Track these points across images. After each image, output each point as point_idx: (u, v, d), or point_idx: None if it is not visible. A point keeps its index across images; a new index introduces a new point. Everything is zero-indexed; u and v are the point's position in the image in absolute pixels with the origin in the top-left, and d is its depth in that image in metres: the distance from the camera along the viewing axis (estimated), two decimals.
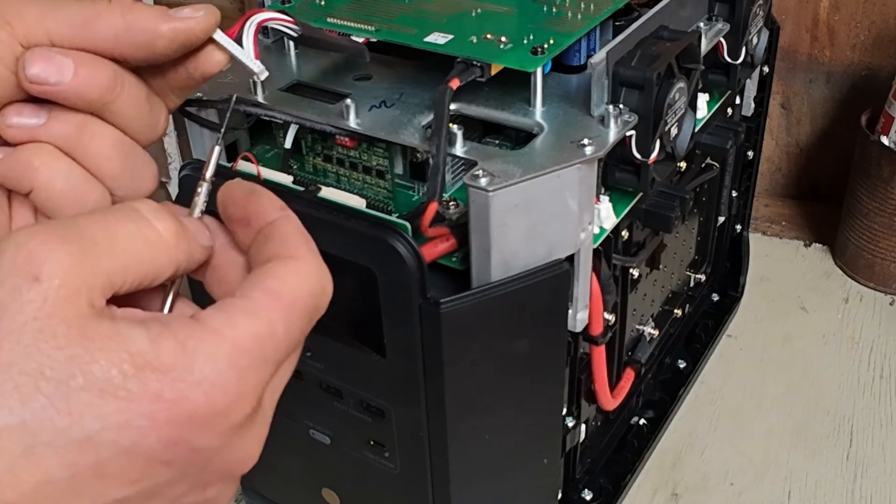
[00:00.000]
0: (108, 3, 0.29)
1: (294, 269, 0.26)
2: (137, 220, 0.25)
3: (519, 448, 0.45)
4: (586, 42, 0.47)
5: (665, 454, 0.62)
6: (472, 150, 0.40)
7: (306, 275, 0.26)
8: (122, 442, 0.22)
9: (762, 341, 0.71)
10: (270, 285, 0.26)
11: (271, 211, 0.28)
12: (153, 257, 0.25)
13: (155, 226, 0.26)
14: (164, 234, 0.26)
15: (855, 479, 0.59)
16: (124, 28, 0.29)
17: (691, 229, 0.62)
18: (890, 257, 0.74)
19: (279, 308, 0.25)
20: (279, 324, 0.25)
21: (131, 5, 0.29)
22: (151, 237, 0.25)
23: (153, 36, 0.30)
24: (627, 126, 0.41)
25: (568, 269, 0.40)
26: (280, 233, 0.27)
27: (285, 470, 0.52)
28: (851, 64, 0.82)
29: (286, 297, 0.26)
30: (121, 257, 0.24)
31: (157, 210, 0.26)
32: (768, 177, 0.91)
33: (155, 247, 0.25)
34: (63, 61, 0.28)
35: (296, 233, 0.28)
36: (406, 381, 0.40)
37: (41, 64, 0.28)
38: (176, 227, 0.26)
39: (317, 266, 0.27)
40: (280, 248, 0.27)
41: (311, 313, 0.27)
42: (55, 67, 0.28)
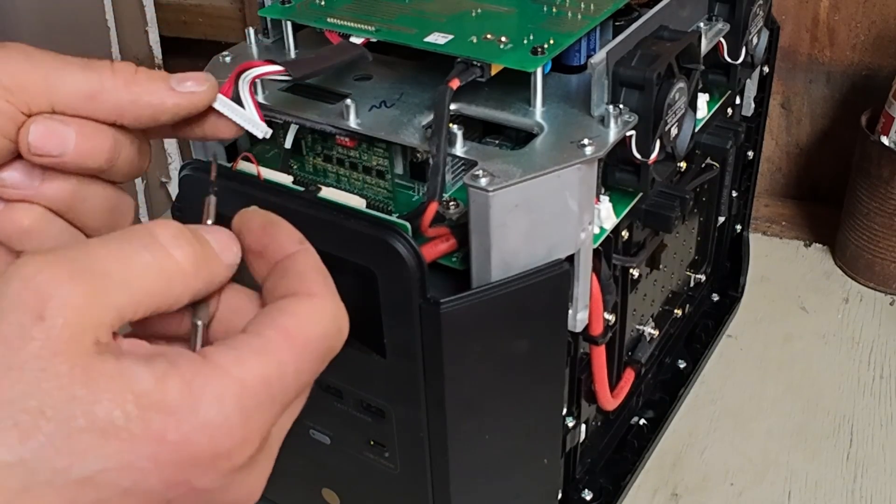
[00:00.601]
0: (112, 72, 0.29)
1: (309, 308, 0.26)
2: (154, 249, 0.25)
3: (519, 448, 0.45)
4: (586, 42, 0.47)
5: (665, 454, 0.62)
6: (472, 150, 0.40)
7: (322, 314, 0.26)
8: (122, 483, 0.22)
9: (762, 341, 0.71)
10: (284, 324, 0.25)
11: (289, 244, 0.27)
12: (169, 288, 0.25)
13: (173, 255, 0.25)
14: (182, 262, 0.25)
15: (855, 479, 0.59)
16: (129, 102, 0.29)
17: (691, 229, 0.62)
18: (890, 257, 0.74)
19: (291, 349, 0.25)
20: (290, 365, 0.25)
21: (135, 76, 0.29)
22: (168, 268, 0.25)
23: (157, 111, 0.30)
24: (627, 126, 0.41)
25: (568, 269, 0.40)
26: (297, 268, 0.27)
27: (285, 470, 0.52)
28: (851, 64, 0.82)
29: (300, 337, 0.25)
30: (134, 292, 0.24)
31: (176, 237, 0.25)
32: (768, 177, 0.91)
33: (171, 278, 0.25)
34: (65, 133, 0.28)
35: (314, 269, 0.27)
36: (406, 381, 0.40)
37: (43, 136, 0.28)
38: (195, 254, 0.25)
39: (333, 305, 0.26)
40: (297, 285, 0.26)
41: (325, 355, 0.26)
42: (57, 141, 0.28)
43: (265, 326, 0.25)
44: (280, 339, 0.25)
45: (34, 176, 0.30)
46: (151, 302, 0.24)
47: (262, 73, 0.36)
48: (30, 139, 0.28)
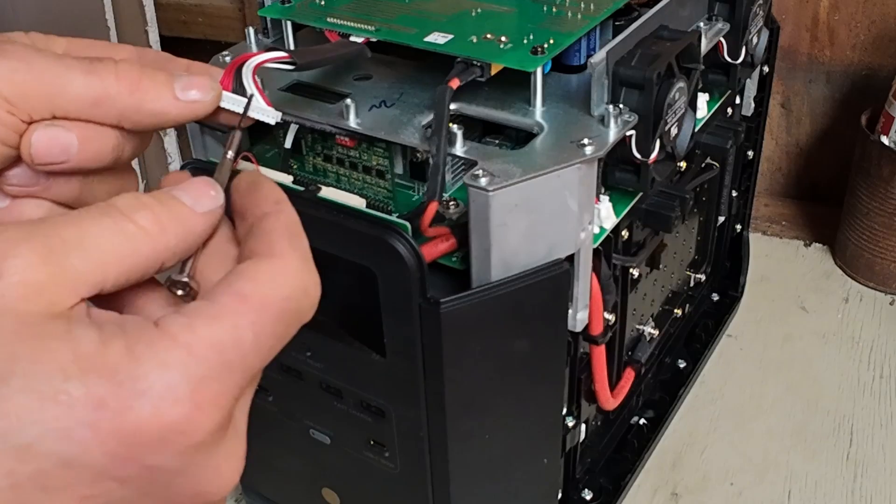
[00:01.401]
0: (116, 78, 0.28)
1: (269, 269, 0.24)
2: (113, 214, 0.24)
3: (519, 448, 0.45)
4: (586, 42, 0.47)
5: (665, 454, 0.62)
6: (472, 150, 0.40)
7: (283, 274, 0.24)
8: (62, 452, 0.21)
9: (762, 341, 0.71)
10: (239, 287, 0.24)
11: (265, 204, 0.26)
12: (134, 251, 0.24)
13: (133, 218, 0.24)
14: (143, 224, 0.24)
15: (855, 478, 0.59)
16: (133, 110, 0.29)
17: (691, 229, 0.62)
18: (890, 257, 0.74)
19: (247, 312, 0.23)
20: (246, 329, 0.23)
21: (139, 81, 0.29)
22: (129, 230, 0.24)
23: (160, 119, 0.29)
24: (627, 126, 0.41)
25: (568, 268, 0.40)
26: (264, 228, 0.25)
27: (285, 470, 0.52)
28: (851, 64, 0.82)
29: (256, 299, 0.23)
30: (94, 254, 0.23)
31: (134, 203, 0.24)
32: (768, 176, 0.91)
33: (135, 239, 0.24)
34: (68, 140, 0.28)
35: (281, 228, 0.25)
36: (406, 381, 0.40)
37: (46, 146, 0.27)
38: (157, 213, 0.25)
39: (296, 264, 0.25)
40: (261, 246, 0.25)
41: (288, 318, 0.24)
42: (60, 149, 0.28)
43: (220, 292, 0.24)
44: (234, 303, 0.23)
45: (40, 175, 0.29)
46: (118, 267, 0.23)
47: (266, 59, 0.35)
48: (32, 151, 0.27)
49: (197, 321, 0.23)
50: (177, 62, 0.32)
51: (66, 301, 0.22)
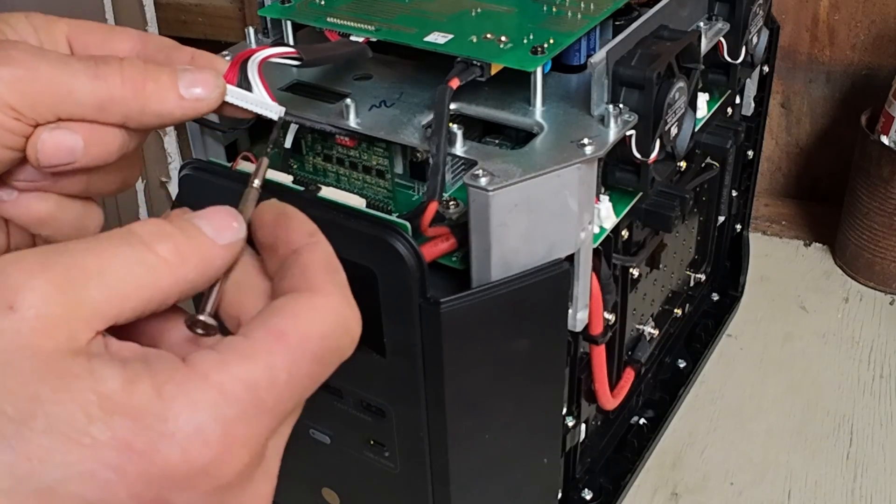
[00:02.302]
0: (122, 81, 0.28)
1: (308, 305, 0.23)
2: (134, 243, 0.23)
3: (519, 448, 0.45)
4: (586, 42, 0.47)
5: (665, 454, 0.62)
6: (472, 150, 0.40)
7: (323, 311, 0.23)
8: (87, 496, 0.20)
9: (762, 341, 0.71)
10: (275, 324, 0.23)
11: (298, 238, 0.25)
12: (154, 282, 0.23)
13: (154, 248, 0.23)
14: (164, 254, 0.23)
15: (855, 478, 0.59)
16: (138, 111, 0.28)
17: (691, 229, 0.62)
18: (890, 257, 0.74)
19: (283, 351, 0.22)
20: (281, 370, 0.22)
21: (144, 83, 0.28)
22: (150, 261, 0.23)
23: (165, 119, 0.29)
24: (627, 126, 0.41)
25: (568, 268, 0.40)
26: (302, 262, 0.24)
27: (285, 470, 0.52)
28: (851, 64, 0.82)
29: (294, 337, 0.22)
30: (113, 286, 0.22)
31: (156, 232, 0.24)
32: (768, 176, 0.91)
33: (155, 271, 0.23)
34: (73, 142, 0.28)
35: (320, 262, 0.25)
36: (406, 380, 0.40)
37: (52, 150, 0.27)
38: (179, 244, 0.24)
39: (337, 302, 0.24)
40: (299, 281, 0.24)
41: (327, 357, 0.23)
42: (66, 151, 0.28)
43: (255, 328, 0.23)
44: (271, 340, 0.22)
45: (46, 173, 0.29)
46: (137, 299, 0.23)
47: (273, 53, 0.35)
48: (39, 155, 0.27)
49: (230, 358, 0.22)
50: (182, 51, 0.32)
51: (83, 335, 0.21)
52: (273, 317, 0.23)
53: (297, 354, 0.23)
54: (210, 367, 0.21)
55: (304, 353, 0.23)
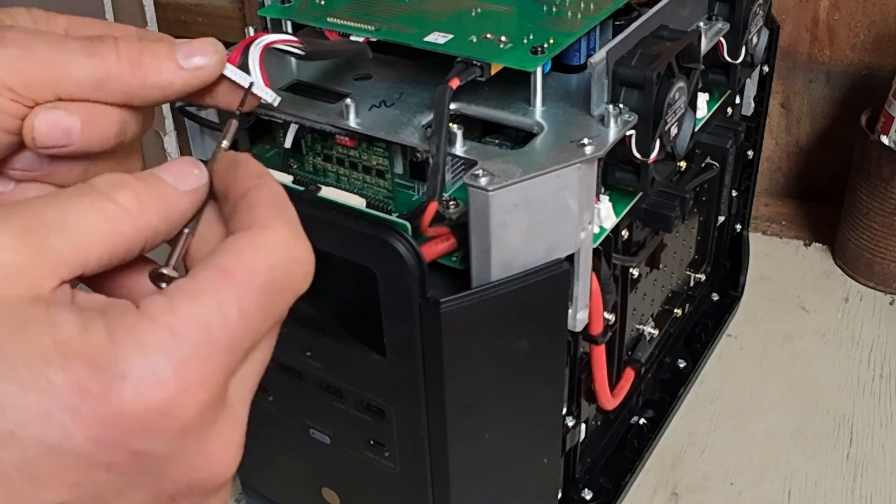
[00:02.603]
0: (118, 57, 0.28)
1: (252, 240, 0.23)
2: (92, 194, 0.23)
3: (519, 448, 0.45)
4: (586, 42, 0.47)
5: (665, 454, 0.62)
6: (471, 150, 0.40)
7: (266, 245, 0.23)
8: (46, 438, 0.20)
9: (762, 341, 0.71)
10: (220, 262, 0.23)
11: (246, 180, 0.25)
12: (116, 230, 0.23)
13: (114, 197, 0.23)
14: (124, 203, 0.23)
15: (855, 478, 0.59)
16: (137, 87, 0.28)
17: (691, 229, 0.62)
18: (890, 257, 0.74)
19: (230, 286, 0.22)
20: (231, 305, 0.22)
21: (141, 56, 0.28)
22: (109, 210, 0.23)
23: (166, 92, 0.29)
24: (627, 126, 0.41)
25: (568, 268, 0.40)
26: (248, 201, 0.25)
27: (285, 470, 0.52)
28: (851, 63, 0.82)
29: (240, 273, 0.22)
30: (75, 235, 0.22)
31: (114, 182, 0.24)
32: (768, 176, 0.91)
33: (116, 219, 0.23)
34: (70, 123, 0.27)
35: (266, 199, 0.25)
36: (406, 380, 0.40)
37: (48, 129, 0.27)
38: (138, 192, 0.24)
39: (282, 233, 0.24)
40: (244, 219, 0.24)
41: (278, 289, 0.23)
42: (62, 132, 0.27)
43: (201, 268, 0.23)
44: (216, 278, 0.22)
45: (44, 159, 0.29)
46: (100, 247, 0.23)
47: (275, 40, 0.35)
48: (34, 134, 0.27)
49: (178, 300, 0.22)
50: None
51: (46, 284, 0.22)
52: (218, 255, 0.23)
53: (244, 289, 0.22)
54: (159, 310, 0.22)
55: (251, 287, 0.23)
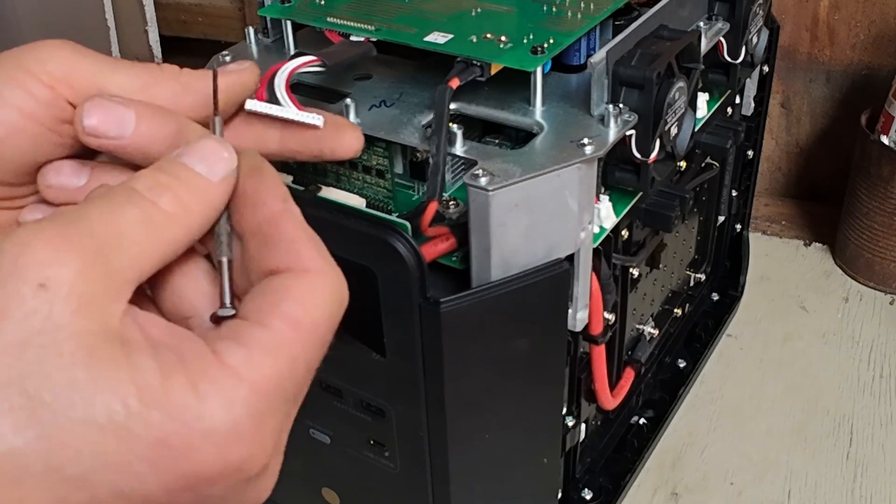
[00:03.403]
0: (161, 70, 0.28)
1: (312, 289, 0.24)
2: (138, 201, 0.23)
3: (519, 448, 0.45)
4: (586, 41, 0.47)
5: (665, 454, 0.62)
6: (471, 150, 0.40)
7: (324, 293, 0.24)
8: (120, 485, 0.20)
9: (762, 341, 0.71)
10: (290, 312, 0.23)
11: (272, 202, 0.25)
12: (165, 237, 0.23)
13: (157, 203, 0.23)
14: (168, 208, 0.23)
15: (855, 478, 0.59)
16: (182, 91, 0.28)
17: (691, 229, 0.62)
18: (890, 256, 0.74)
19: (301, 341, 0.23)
20: (301, 360, 0.23)
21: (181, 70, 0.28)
22: (157, 218, 0.23)
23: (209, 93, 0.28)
24: (627, 125, 0.41)
25: (568, 268, 0.40)
26: (285, 237, 0.24)
27: (285, 469, 0.52)
28: (851, 63, 0.82)
29: (308, 325, 0.23)
30: (132, 251, 0.22)
31: (154, 185, 0.24)
32: (768, 176, 0.91)
33: (164, 227, 0.23)
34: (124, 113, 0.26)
35: (303, 237, 0.25)
36: (406, 380, 0.40)
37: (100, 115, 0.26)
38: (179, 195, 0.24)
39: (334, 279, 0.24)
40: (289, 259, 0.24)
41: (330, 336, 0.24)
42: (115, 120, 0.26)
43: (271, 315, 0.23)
44: (289, 331, 0.23)
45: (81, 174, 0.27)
46: (152, 257, 0.23)
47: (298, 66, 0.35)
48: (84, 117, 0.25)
49: (257, 354, 0.22)
50: None
51: (115, 309, 0.21)
52: (282, 302, 0.23)
53: (311, 342, 0.23)
54: (240, 364, 0.22)
55: (316, 339, 0.23)
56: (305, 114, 0.32)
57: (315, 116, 0.32)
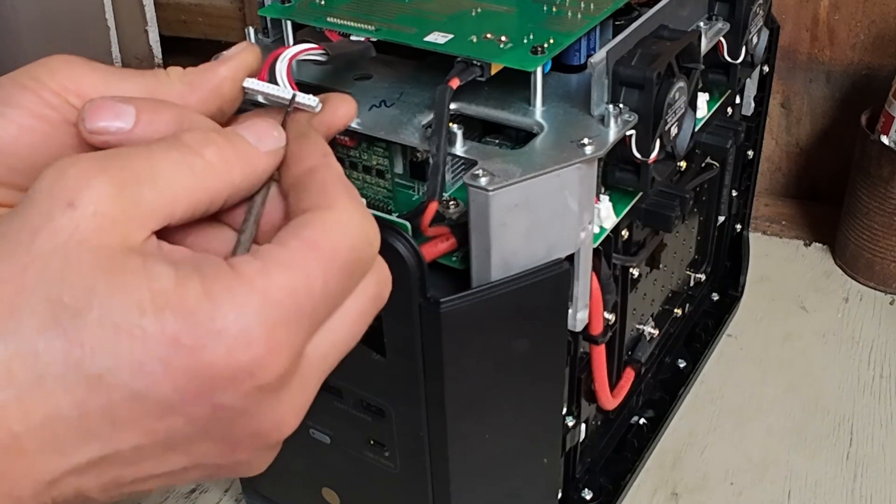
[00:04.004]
0: (166, 73, 0.29)
1: (334, 219, 0.25)
2: (182, 149, 0.24)
3: (519, 448, 0.45)
4: (586, 41, 0.47)
5: (665, 454, 0.62)
6: (472, 150, 0.40)
7: (347, 225, 0.25)
8: (134, 385, 0.21)
9: (762, 341, 0.71)
10: (308, 235, 0.24)
11: (312, 157, 0.27)
12: (202, 185, 0.24)
13: (201, 152, 0.25)
14: (210, 159, 0.25)
15: (855, 478, 0.59)
16: (188, 91, 0.29)
17: (691, 229, 0.62)
18: (890, 257, 0.74)
19: (318, 260, 0.24)
20: (317, 278, 0.24)
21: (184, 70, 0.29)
22: (198, 165, 0.24)
23: (217, 82, 0.29)
24: (627, 125, 0.41)
25: (568, 268, 0.40)
26: (319, 181, 0.26)
27: (285, 469, 0.52)
28: (851, 63, 0.82)
29: (326, 248, 0.24)
30: (165, 188, 0.23)
31: (202, 138, 0.25)
32: (768, 176, 0.91)
33: (203, 174, 0.24)
34: (124, 108, 0.27)
35: (336, 181, 0.26)
36: (406, 380, 0.40)
37: (100, 113, 0.26)
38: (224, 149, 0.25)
39: (359, 216, 0.25)
40: (319, 198, 0.25)
41: (354, 267, 0.25)
42: (115, 115, 0.27)
43: (290, 237, 0.24)
44: (306, 250, 0.24)
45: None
46: (186, 201, 0.24)
47: (299, 51, 0.36)
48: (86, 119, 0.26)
49: (271, 267, 0.23)
50: None
51: (139, 234, 0.23)
52: (304, 228, 0.24)
53: (329, 264, 0.24)
54: (254, 274, 0.23)
55: (335, 263, 0.24)
56: (303, 95, 0.32)
57: (312, 98, 0.32)
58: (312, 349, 0.25)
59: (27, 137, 0.27)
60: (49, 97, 0.27)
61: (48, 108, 0.27)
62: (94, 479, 0.22)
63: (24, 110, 0.27)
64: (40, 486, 0.22)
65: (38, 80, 0.27)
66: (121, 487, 0.23)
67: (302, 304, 0.23)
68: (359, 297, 0.26)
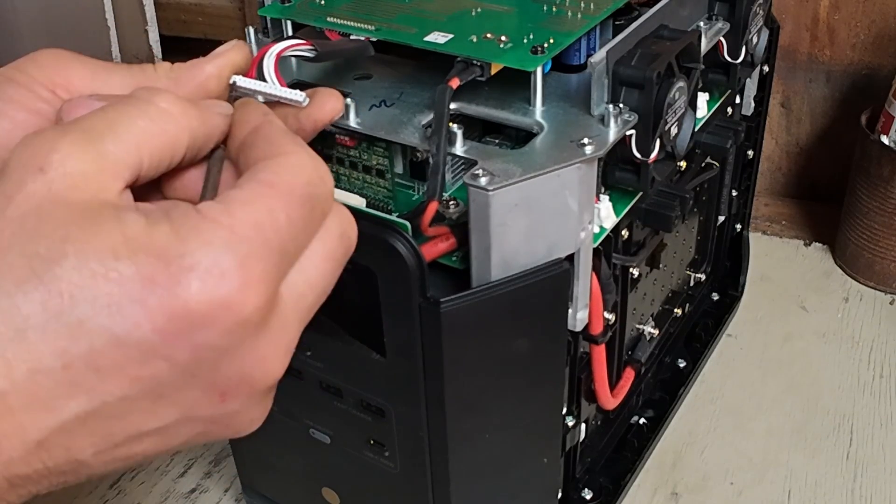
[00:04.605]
0: (154, 69, 0.30)
1: (285, 163, 0.26)
2: (135, 102, 0.25)
3: (519, 447, 0.45)
4: (586, 41, 0.47)
5: (665, 453, 0.62)
6: (471, 150, 0.40)
7: (299, 166, 0.26)
8: (114, 329, 0.22)
9: (762, 341, 0.71)
10: (265, 177, 0.25)
11: (254, 117, 0.28)
12: (162, 130, 0.25)
13: (156, 103, 0.26)
14: (165, 106, 0.26)
15: (855, 478, 0.59)
16: (175, 86, 0.29)
17: (691, 228, 0.62)
18: (890, 256, 0.74)
19: (278, 196, 0.25)
20: (279, 212, 0.24)
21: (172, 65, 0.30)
22: (153, 112, 0.25)
23: (203, 79, 0.30)
24: (627, 125, 0.41)
25: (568, 268, 0.40)
26: (264, 135, 0.27)
27: (285, 469, 0.52)
28: (851, 63, 0.82)
29: (283, 185, 0.25)
30: (126, 137, 0.24)
31: (154, 90, 0.26)
32: (768, 176, 0.91)
33: (160, 119, 0.25)
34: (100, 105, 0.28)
35: (280, 133, 0.27)
36: (406, 380, 0.40)
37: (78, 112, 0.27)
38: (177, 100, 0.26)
39: (308, 156, 0.26)
40: (268, 149, 0.26)
41: (314, 202, 0.26)
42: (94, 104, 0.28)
43: (247, 181, 0.25)
44: (264, 188, 0.25)
45: None
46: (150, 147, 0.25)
47: (286, 47, 0.36)
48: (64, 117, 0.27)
49: (234, 205, 0.24)
50: None
51: (112, 186, 0.24)
52: (259, 172, 0.25)
53: (288, 198, 0.25)
54: (218, 213, 0.24)
55: (294, 198, 0.25)
56: (289, 90, 0.32)
57: (299, 93, 0.32)
58: (287, 288, 0.25)
59: (20, 132, 0.27)
60: (40, 91, 0.28)
61: (40, 101, 0.28)
62: (84, 439, 0.23)
63: (16, 105, 0.28)
64: (30, 446, 0.22)
65: (28, 75, 0.28)
66: (114, 449, 0.23)
67: (269, 237, 0.24)
68: (325, 236, 0.27)
